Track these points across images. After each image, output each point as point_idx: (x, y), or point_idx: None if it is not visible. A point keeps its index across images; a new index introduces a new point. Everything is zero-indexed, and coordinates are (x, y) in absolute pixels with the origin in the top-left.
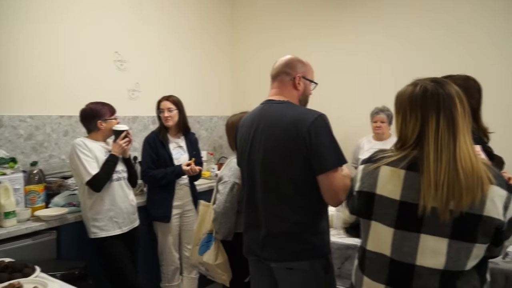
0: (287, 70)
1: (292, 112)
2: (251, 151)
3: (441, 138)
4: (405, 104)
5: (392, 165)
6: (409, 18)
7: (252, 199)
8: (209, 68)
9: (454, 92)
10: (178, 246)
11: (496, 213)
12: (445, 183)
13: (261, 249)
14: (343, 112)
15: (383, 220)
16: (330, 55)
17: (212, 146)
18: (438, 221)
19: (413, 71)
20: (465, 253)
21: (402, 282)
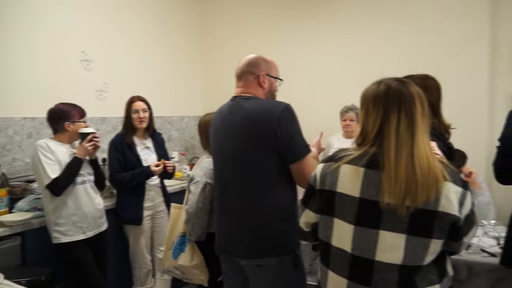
0: (251, 69)
1: (260, 106)
2: (221, 148)
3: (401, 135)
4: (368, 101)
5: (352, 164)
6: (376, 17)
7: (223, 195)
8: (180, 68)
9: (415, 92)
10: (150, 248)
11: (450, 209)
12: (403, 179)
13: (231, 246)
14: (313, 110)
15: (343, 217)
16: (302, 53)
17: (184, 146)
18: (396, 217)
19: (381, 70)
20: (422, 248)
21: (363, 277)
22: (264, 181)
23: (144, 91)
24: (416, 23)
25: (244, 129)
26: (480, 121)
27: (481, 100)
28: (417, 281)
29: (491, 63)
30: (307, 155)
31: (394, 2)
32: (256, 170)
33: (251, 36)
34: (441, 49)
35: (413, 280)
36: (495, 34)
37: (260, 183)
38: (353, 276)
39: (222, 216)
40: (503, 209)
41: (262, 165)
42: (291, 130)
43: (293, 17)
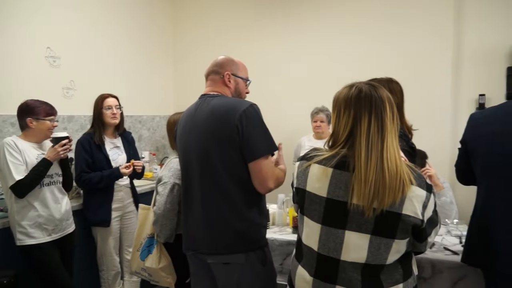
0: (216, 69)
1: (225, 103)
2: (187, 145)
3: (372, 138)
4: (340, 103)
5: (322, 164)
6: (346, 20)
7: (190, 193)
8: (151, 67)
9: (386, 96)
10: (119, 249)
11: (413, 212)
12: (372, 181)
13: (198, 243)
14: (285, 111)
15: (311, 216)
16: (273, 55)
17: (154, 146)
18: (362, 218)
19: (350, 72)
20: (385, 248)
21: (328, 276)
22: (229, 178)
23: (114, 89)
24: (384, 28)
25: (208, 125)
26: (445, 123)
27: (445, 103)
28: (383, 279)
29: (455, 68)
30: (266, 156)
31: (364, 8)
32: (220, 167)
33: (222, 37)
34: (407, 53)
35: (378, 278)
36: (459, 40)
37: (225, 180)
38: (319, 274)
39: (189, 214)
40: (466, 209)
41: (226, 162)
42: (251, 128)
43: (265, 19)
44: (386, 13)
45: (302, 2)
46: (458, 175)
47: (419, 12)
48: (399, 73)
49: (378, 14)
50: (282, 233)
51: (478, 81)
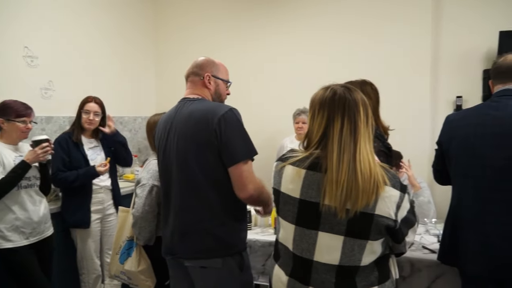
0: (196, 70)
1: (204, 107)
2: (166, 149)
3: (344, 139)
4: (315, 105)
5: (295, 165)
6: (327, 23)
7: (169, 197)
8: (132, 67)
9: (360, 99)
10: (99, 252)
11: (386, 213)
12: (344, 183)
13: (176, 247)
14: (268, 113)
15: (285, 216)
16: (256, 56)
17: (136, 147)
18: (335, 219)
19: (332, 74)
20: (359, 249)
21: (302, 276)
22: (207, 183)
23: (94, 90)
24: (365, 31)
25: (187, 129)
26: (423, 124)
27: (424, 105)
28: (357, 282)
29: (433, 70)
30: (246, 160)
31: (344, 10)
32: (199, 171)
33: (204, 38)
34: (387, 57)
35: (353, 280)
36: (437, 44)
37: (203, 185)
38: (293, 274)
39: (167, 217)
40: (444, 208)
41: (205, 166)
42: (230, 133)
43: (247, 20)
44: (366, 16)
45: (284, 4)
46: (435, 175)
47: (398, 16)
48: (379, 75)
49: (358, 17)
50: (264, 234)
51: (455, 83)
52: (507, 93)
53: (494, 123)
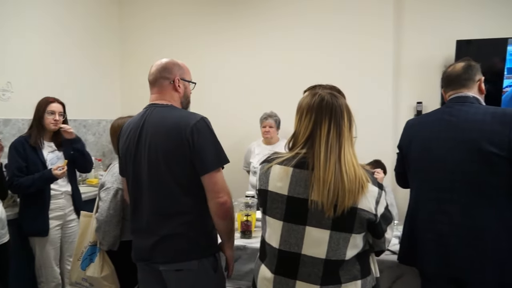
0: (164, 74)
1: (175, 115)
2: (136, 156)
3: (331, 142)
4: (303, 108)
5: (283, 164)
6: (293, 29)
7: (139, 203)
8: (96, 68)
9: (344, 105)
10: (59, 260)
11: (368, 207)
12: (331, 182)
13: (150, 253)
14: (235, 117)
15: (273, 214)
16: (222, 60)
17: (100, 151)
18: (321, 214)
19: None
20: (344, 243)
21: (289, 270)
22: (180, 190)
23: (55, 92)
24: (329, 38)
25: (158, 137)
26: (386, 129)
27: (386, 110)
28: (341, 275)
29: (395, 77)
30: (218, 168)
31: (309, 18)
32: (171, 179)
33: (171, 40)
34: (351, 64)
35: (337, 274)
36: (398, 52)
37: (176, 192)
38: (279, 271)
39: (138, 223)
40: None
41: (177, 174)
42: (203, 141)
43: (214, 23)
44: (331, 24)
45: (251, 7)
46: (397, 179)
47: (361, 25)
48: (343, 81)
49: (322, 24)
50: None
51: (416, 90)
52: (460, 100)
53: (448, 127)
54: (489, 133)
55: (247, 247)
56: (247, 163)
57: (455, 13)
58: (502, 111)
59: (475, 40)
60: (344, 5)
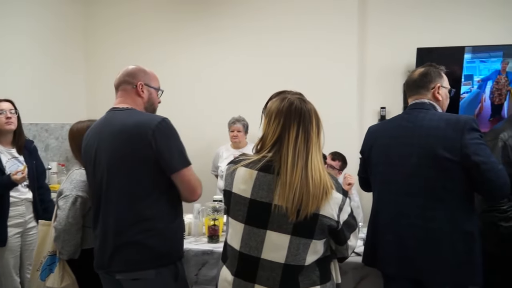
0: (128, 79)
1: (135, 118)
2: (96, 161)
3: (298, 147)
4: (272, 112)
5: (248, 167)
6: (259, 36)
7: (99, 209)
8: (59, 71)
9: (313, 110)
10: (19, 269)
11: (330, 214)
12: (297, 187)
13: (108, 261)
14: (203, 122)
15: (235, 216)
16: (190, 64)
17: (64, 156)
18: (283, 219)
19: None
20: (304, 248)
21: (248, 274)
22: (141, 194)
23: (14, 94)
24: (296, 45)
25: (119, 142)
26: (351, 134)
27: (351, 115)
28: (300, 280)
29: (360, 83)
30: (187, 167)
31: (277, 24)
32: (133, 184)
33: (139, 41)
34: (316, 70)
35: (296, 279)
36: (363, 59)
37: (137, 196)
38: (238, 273)
39: (98, 231)
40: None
41: (138, 178)
42: (167, 142)
43: (181, 27)
44: (297, 31)
45: (220, 12)
46: (360, 183)
47: (327, 34)
48: (309, 87)
49: (289, 30)
50: (198, 243)
51: (379, 95)
52: (417, 106)
53: (405, 133)
54: (442, 139)
55: (214, 252)
56: (215, 167)
57: (416, 22)
58: (456, 118)
59: (434, 48)
60: (310, 12)
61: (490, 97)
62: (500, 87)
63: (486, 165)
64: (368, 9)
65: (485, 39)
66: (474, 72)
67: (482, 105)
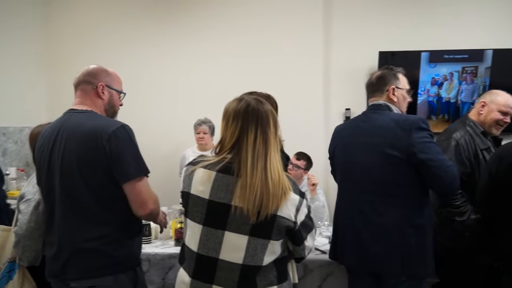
0: (88, 79)
1: (93, 122)
2: (50, 165)
3: (257, 149)
4: (229, 114)
5: (207, 168)
6: (229, 38)
7: (52, 215)
8: (19, 72)
9: (270, 111)
10: None
11: (287, 215)
12: (258, 188)
13: (62, 269)
14: (169, 124)
15: (193, 217)
16: (156, 65)
17: (23, 161)
18: (242, 220)
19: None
20: (261, 249)
21: (206, 275)
22: (96, 201)
23: None
24: (263, 47)
25: (74, 145)
26: (318, 134)
27: (318, 116)
28: (257, 280)
29: (325, 85)
30: (141, 177)
31: (245, 28)
32: (87, 190)
33: (101, 42)
34: (284, 72)
35: (253, 279)
36: (328, 62)
37: (92, 203)
38: (196, 275)
39: (52, 237)
40: None
41: (93, 184)
42: (122, 149)
43: (145, 27)
44: (264, 33)
45: (185, 14)
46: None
47: (293, 38)
48: (277, 88)
49: (256, 33)
50: (165, 246)
51: (344, 97)
52: (373, 108)
53: (361, 133)
54: (391, 138)
55: None
56: (182, 170)
57: (378, 27)
58: (405, 118)
59: (395, 51)
60: (277, 15)
61: (447, 99)
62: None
63: (433, 162)
64: (333, 13)
65: (443, 44)
66: (431, 75)
67: (439, 107)
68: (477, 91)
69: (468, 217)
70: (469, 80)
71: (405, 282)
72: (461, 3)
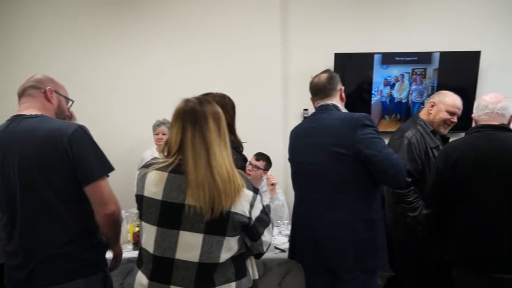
0: (35, 84)
1: (47, 125)
2: (4, 174)
3: (196, 148)
4: (174, 116)
5: (160, 170)
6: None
7: (13, 223)
8: None
9: (210, 111)
10: None
11: (241, 210)
12: (206, 186)
13: (27, 277)
14: (128, 125)
15: (148, 219)
16: (114, 67)
17: None
18: (196, 218)
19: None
20: (217, 246)
21: (163, 276)
22: (60, 205)
23: None
24: (224, 49)
25: (30, 150)
26: (277, 134)
27: (277, 116)
28: (215, 278)
29: (284, 86)
30: (103, 177)
31: (203, 27)
32: (48, 195)
33: (54, 44)
34: (243, 73)
35: (211, 277)
36: (286, 63)
37: (56, 207)
38: (154, 276)
39: (12, 245)
40: None
41: (56, 187)
42: (84, 150)
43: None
44: (223, 34)
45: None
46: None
47: (252, 40)
48: (236, 90)
49: (214, 35)
50: (124, 251)
51: (302, 97)
52: (322, 108)
53: (311, 133)
54: (338, 136)
55: None
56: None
57: (333, 29)
58: (350, 116)
59: (350, 53)
60: (235, 17)
61: (399, 99)
62: (409, 89)
63: (377, 157)
64: (290, 14)
65: (394, 47)
66: (384, 76)
67: (392, 107)
68: (426, 91)
69: (420, 213)
70: (419, 81)
71: (359, 277)
72: (409, 8)
